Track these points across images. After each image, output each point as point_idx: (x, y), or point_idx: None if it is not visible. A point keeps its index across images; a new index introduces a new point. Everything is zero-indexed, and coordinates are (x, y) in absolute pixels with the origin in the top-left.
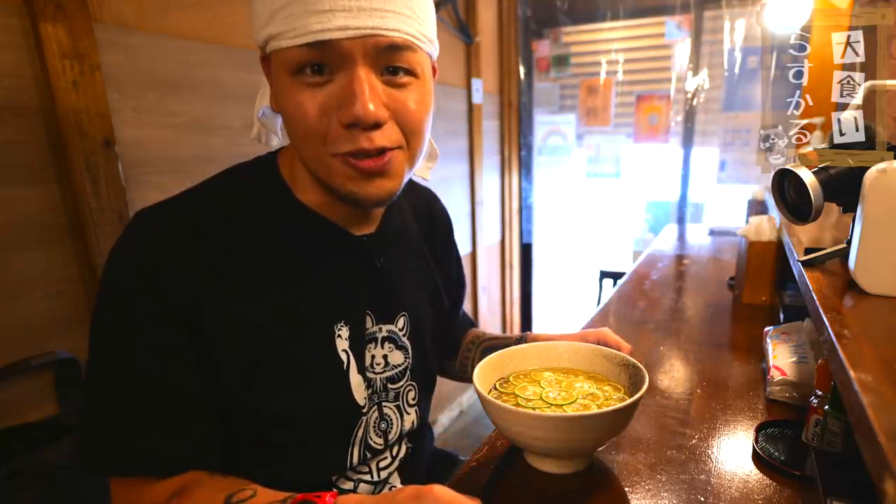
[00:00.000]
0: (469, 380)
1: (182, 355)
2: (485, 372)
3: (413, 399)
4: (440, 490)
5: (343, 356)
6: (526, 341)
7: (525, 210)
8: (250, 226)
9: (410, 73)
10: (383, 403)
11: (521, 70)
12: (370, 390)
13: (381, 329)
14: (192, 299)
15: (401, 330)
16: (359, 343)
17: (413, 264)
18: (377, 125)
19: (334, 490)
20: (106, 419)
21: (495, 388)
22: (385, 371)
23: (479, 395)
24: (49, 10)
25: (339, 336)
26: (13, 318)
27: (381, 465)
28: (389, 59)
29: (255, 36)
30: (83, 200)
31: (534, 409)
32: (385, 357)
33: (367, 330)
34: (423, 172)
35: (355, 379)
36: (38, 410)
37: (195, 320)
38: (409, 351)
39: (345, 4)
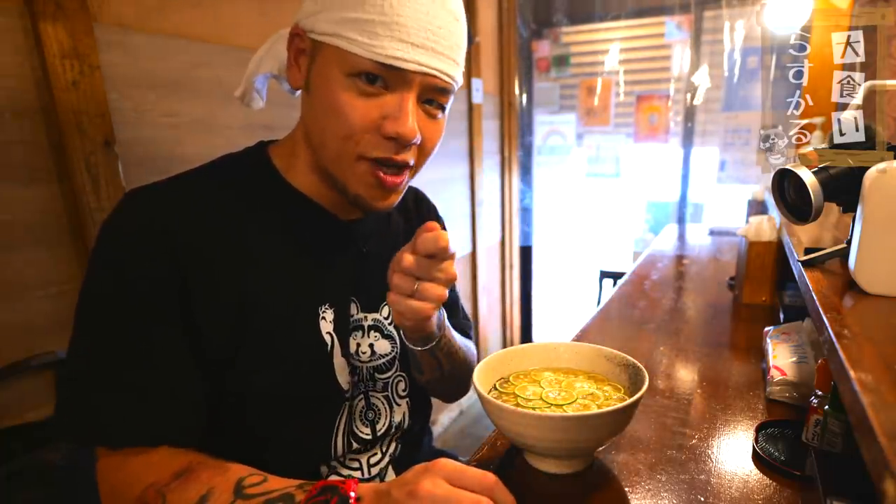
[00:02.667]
0: (444, 396)
1: (170, 323)
2: (485, 372)
3: (403, 391)
4: (446, 461)
5: (327, 338)
6: None
7: (523, 212)
8: (239, 205)
9: (442, 108)
10: (370, 392)
11: (521, 70)
12: (355, 377)
13: (366, 317)
14: (180, 270)
15: (386, 318)
16: (343, 328)
17: None
18: (411, 145)
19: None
20: (88, 385)
21: (495, 388)
22: (372, 360)
23: (479, 395)
24: (49, 10)
25: (324, 318)
26: (13, 318)
27: (372, 460)
28: (434, 95)
29: (312, 20)
30: (83, 200)
31: (534, 409)
32: (371, 346)
33: (352, 317)
34: None
35: (339, 362)
36: (38, 410)
37: (182, 291)
38: (397, 340)
39: (423, 42)
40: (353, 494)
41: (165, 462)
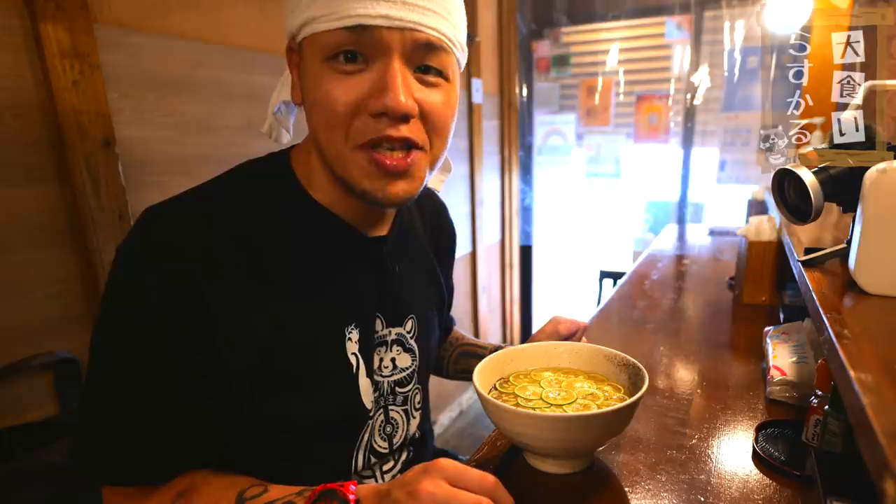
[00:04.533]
0: (442, 376)
1: (188, 357)
2: (485, 372)
3: (419, 403)
4: (446, 461)
5: (352, 359)
6: None
7: (524, 212)
8: (263, 224)
9: (441, 74)
10: (390, 407)
11: (521, 70)
12: (377, 393)
13: (390, 332)
14: (202, 297)
15: (409, 332)
16: (368, 346)
17: (421, 268)
18: (406, 118)
19: (354, 479)
20: (105, 423)
21: (495, 388)
22: (393, 374)
23: (479, 395)
24: (49, 10)
25: (350, 339)
26: (13, 318)
27: (385, 468)
28: (424, 56)
29: (289, 24)
30: (83, 200)
31: (534, 409)
32: (393, 360)
33: (377, 333)
34: (435, 184)
35: (364, 382)
36: (38, 410)
37: (204, 319)
38: (417, 353)
39: None
40: (352, 497)
41: (169, 486)
